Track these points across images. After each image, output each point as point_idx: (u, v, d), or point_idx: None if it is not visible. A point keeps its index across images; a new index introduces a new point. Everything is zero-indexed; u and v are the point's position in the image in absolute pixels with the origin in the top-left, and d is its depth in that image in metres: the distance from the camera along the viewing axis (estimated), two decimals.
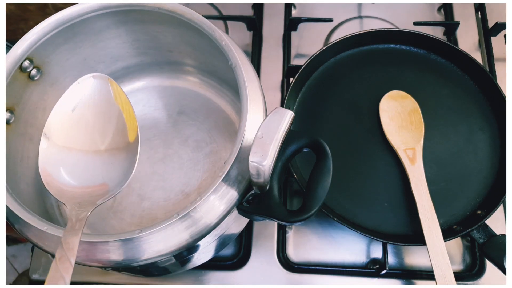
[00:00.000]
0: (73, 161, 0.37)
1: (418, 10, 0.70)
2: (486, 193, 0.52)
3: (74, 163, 0.37)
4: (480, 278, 0.52)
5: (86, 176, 0.38)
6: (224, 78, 0.52)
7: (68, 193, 0.36)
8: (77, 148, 0.38)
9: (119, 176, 0.38)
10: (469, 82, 0.58)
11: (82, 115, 0.38)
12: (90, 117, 0.39)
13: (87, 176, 0.38)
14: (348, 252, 0.54)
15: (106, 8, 0.43)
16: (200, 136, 0.53)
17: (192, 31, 0.43)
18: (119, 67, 0.54)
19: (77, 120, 0.38)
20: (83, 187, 0.37)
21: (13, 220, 0.37)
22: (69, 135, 0.38)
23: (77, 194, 0.36)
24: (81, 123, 0.38)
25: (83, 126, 0.39)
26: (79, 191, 0.37)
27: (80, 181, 0.37)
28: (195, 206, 0.35)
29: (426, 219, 0.47)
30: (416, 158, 0.52)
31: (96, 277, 0.53)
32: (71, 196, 0.36)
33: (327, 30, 0.68)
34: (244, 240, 0.54)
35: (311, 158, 0.38)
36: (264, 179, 0.34)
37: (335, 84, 0.58)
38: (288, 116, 0.34)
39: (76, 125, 0.38)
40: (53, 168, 0.36)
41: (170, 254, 0.36)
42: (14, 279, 0.75)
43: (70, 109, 0.38)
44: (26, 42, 0.42)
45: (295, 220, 0.35)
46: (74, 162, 0.37)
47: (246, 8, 0.70)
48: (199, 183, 0.50)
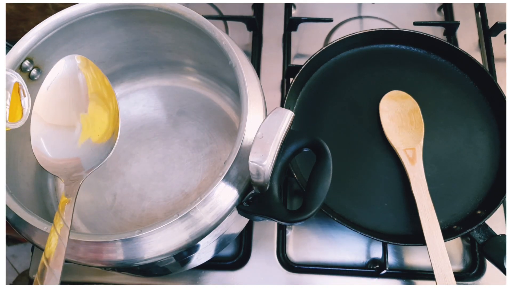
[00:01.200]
0: (48, 133, 0.40)
1: (418, 10, 0.70)
2: (486, 193, 0.52)
3: (49, 135, 0.40)
4: (480, 278, 0.52)
5: (59, 149, 0.40)
6: (224, 78, 0.52)
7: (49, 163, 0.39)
8: (52, 122, 0.40)
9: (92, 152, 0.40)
10: (469, 82, 0.58)
11: (54, 93, 0.40)
12: (61, 94, 0.41)
13: (61, 149, 0.40)
14: (348, 252, 0.54)
15: (106, 8, 0.43)
16: (200, 136, 0.53)
17: (192, 31, 0.43)
18: (119, 67, 0.54)
19: (51, 97, 0.40)
20: (57, 159, 0.39)
21: (13, 220, 0.37)
22: (46, 110, 0.40)
23: (55, 165, 0.39)
24: (53, 100, 0.40)
25: (56, 103, 0.40)
26: (56, 163, 0.39)
27: (55, 154, 0.39)
28: (195, 206, 0.35)
29: (426, 219, 0.47)
30: (416, 158, 0.52)
31: (96, 277, 0.53)
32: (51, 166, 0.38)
33: (327, 30, 0.68)
34: (244, 240, 0.54)
35: (311, 158, 0.37)
36: (264, 179, 0.34)
37: (335, 84, 0.58)
38: (288, 116, 0.34)
39: (50, 101, 0.40)
40: (36, 140, 0.39)
41: (170, 254, 0.36)
42: (14, 279, 0.75)
43: (45, 88, 0.40)
44: (26, 42, 0.42)
45: (295, 220, 0.35)
46: (49, 134, 0.40)
47: (246, 8, 0.70)
48: (199, 183, 0.50)
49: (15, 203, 0.36)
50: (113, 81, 0.55)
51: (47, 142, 0.39)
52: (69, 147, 0.40)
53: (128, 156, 0.52)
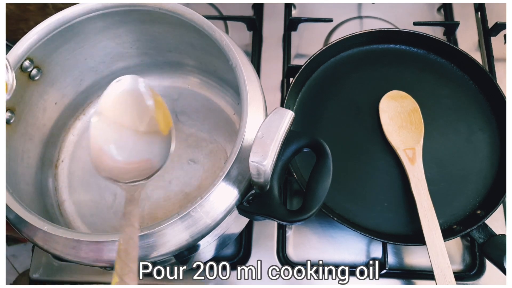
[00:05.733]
0: (120, 136, 0.40)
1: (418, 10, 0.70)
2: (486, 193, 0.52)
3: (121, 138, 0.40)
4: (480, 278, 0.52)
5: (131, 151, 0.40)
6: (224, 78, 0.52)
7: (117, 170, 0.39)
8: (123, 124, 0.40)
9: (159, 152, 0.40)
10: (469, 82, 0.58)
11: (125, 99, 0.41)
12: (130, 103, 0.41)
13: (133, 152, 0.40)
14: (348, 252, 0.54)
15: (106, 8, 0.43)
16: (200, 136, 0.53)
17: (192, 31, 0.43)
18: (120, 67, 0.54)
19: (122, 101, 0.41)
20: (129, 162, 0.40)
21: (13, 220, 0.37)
22: (116, 111, 0.40)
23: (125, 170, 0.39)
24: (124, 103, 0.41)
25: (127, 106, 0.41)
26: (127, 167, 0.39)
27: (126, 157, 0.40)
28: (195, 206, 0.35)
29: (426, 219, 0.47)
30: (416, 158, 0.52)
31: (96, 277, 0.53)
32: (121, 173, 0.39)
33: (327, 30, 0.68)
34: (244, 240, 0.54)
35: (311, 158, 0.38)
36: (265, 179, 0.34)
37: (335, 84, 0.58)
38: (289, 116, 0.34)
39: (121, 104, 0.41)
40: (104, 144, 0.39)
41: (171, 254, 0.36)
42: (14, 279, 0.75)
43: (117, 92, 0.40)
44: (27, 42, 0.42)
45: (295, 220, 0.35)
46: (121, 137, 0.40)
47: (246, 8, 0.70)
48: (199, 183, 0.50)
49: (16, 202, 0.36)
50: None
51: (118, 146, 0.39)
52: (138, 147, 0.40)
53: None
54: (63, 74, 0.48)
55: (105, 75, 0.53)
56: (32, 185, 0.47)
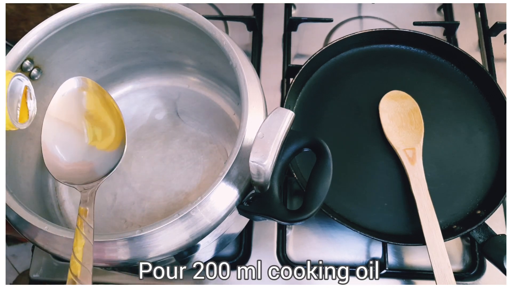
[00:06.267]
0: (64, 135, 0.41)
1: (418, 10, 0.70)
2: (486, 193, 0.52)
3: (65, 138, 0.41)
4: (480, 278, 0.52)
5: (74, 152, 0.40)
6: (224, 78, 0.52)
7: (63, 171, 0.39)
8: (68, 122, 0.41)
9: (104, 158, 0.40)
10: (469, 82, 0.58)
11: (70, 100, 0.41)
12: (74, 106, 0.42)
13: (75, 153, 0.40)
14: (348, 252, 0.54)
15: (106, 8, 0.43)
16: (200, 136, 0.53)
17: (192, 31, 0.43)
18: (120, 67, 0.54)
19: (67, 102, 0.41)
20: (71, 164, 0.40)
21: (13, 220, 0.37)
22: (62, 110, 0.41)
23: (69, 171, 0.40)
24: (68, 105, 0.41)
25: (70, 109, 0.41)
26: (70, 168, 0.40)
27: (69, 158, 0.40)
28: (196, 206, 0.35)
29: (426, 219, 0.47)
30: (416, 158, 0.52)
31: (96, 277, 0.53)
32: (65, 173, 0.39)
33: (327, 30, 0.68)
34: (244, 240, 0.54)
35: (311, 158, 0.38)
36: (265, 179, 0.34)
37: (335, 84, 0.58)
38: (289, 116, 0.34)
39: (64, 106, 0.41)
40: (49, 142, 0.40)
41: (171, 254, 0.36)
42: (14, 279, 0.75)
43: (61, 94, 0.41)
44: (27, 42, 0.42)
45: (295, 220, 0.35)
46: (65, 137, 0.41)
47: (246, 8, 0.70)
48: (199, 183, 0.50)
49: (16, 202, 0.36)
50: (113, 81, 0.55)
51: (62, 146, 0.40)
52: (82, 150, 0.41)
53: (128, 156, 0.52)
54: (63, 74, 0.48)
55: (105, 75, 0.53)
56: (32, 185, 0.47)
